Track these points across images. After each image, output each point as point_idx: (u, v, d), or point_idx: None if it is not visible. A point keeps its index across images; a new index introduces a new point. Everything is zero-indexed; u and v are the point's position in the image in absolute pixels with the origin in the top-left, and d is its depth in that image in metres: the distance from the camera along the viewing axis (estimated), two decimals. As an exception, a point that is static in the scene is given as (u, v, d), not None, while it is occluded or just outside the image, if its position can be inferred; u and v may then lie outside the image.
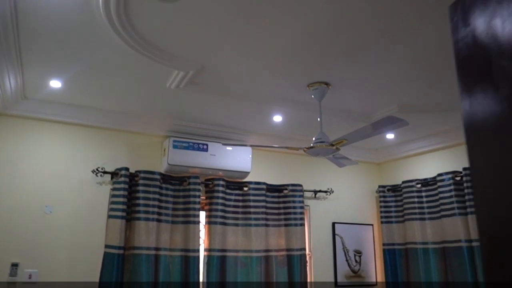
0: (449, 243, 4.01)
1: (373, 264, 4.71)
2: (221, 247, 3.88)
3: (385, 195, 4.72)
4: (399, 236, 4.57)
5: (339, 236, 4.59)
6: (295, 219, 4.22)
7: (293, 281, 4.10)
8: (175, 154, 3.76)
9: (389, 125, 2.33)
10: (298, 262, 4.14)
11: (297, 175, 4.54)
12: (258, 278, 3.94)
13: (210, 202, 3.94)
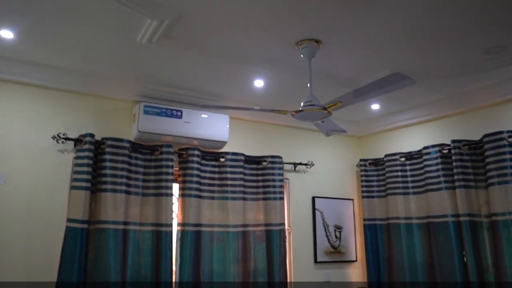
0: (434, 218, 3.86)
1: (353, 240, 4.55)
2: (195, 221, 3.60)
3: (367, 169, 4.53)
4: (380, 211, 4.40)
5: (319, 211, 4.38)
6: (274, 193, 3.97)
7: (271, 257, 3.88)
8: (146, 121, 3.41)
9: (394, 83, 2.08)
10: (277, 238, 3.91)
11: (276, 146, 4.28)
12: (235, 254, 3.70)
13: (184, 173, 3.63)
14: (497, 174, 3.44)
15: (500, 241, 3.36)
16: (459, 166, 3.68)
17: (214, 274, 3.62)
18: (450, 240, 3.72)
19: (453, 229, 3.72)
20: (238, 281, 3.67)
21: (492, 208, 3.46)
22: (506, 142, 3.41)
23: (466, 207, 3.61)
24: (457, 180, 3.67)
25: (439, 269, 3.77)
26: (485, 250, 3.53)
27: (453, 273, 3.66)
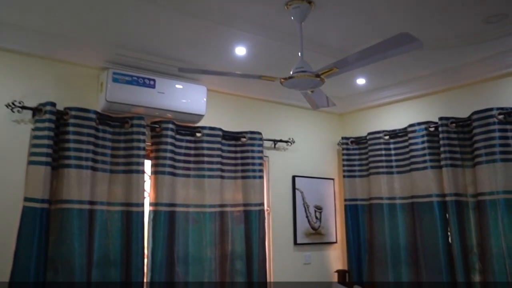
0: (419, 198, 3.72)
1: (333, 221, 4.38)
2: (169, 201, 3.32)
3: (348, 147, 4.35)
4: (362, 191, 4.24)
5: (299, 191, 4.18)
6: (253, 171, 3.73)
7: (250, 239, 3.65)
8: (115, 90, 3.08)
9: (400, 45, 1.84)
10: (256, 219, 3.68)
11: (255, 122, 4.02)
12: (211, 236, 3.45)
13: (157, 148, 3.33)
14: (485, 153, 3.31)
15: (487, 221, 3.25)
16: (446, 144, 3.54)
17: (189, 257, 3.37)
18: (435, 220, 3.60)
19: (438, 209, 3.60)
20: (215, 265, 3.44)
21: (479, 187, 3.34)
22: (495, 119, 3.28)
23: (453, 186, 3.48)
24: (444, 159, 3.53)
25: (422, 250, 3.65)
26: (470, 231, 3.43)
27: (437, 254, 3.54)
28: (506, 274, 3.12)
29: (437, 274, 3.54)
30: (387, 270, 3.90)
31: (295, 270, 4.04)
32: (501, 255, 3.15)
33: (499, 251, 3.17)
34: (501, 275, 3.14)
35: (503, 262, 3.14)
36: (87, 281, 2.86)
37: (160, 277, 3.19)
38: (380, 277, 3.95)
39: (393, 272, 3.86)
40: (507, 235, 3.15)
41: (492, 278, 3.18)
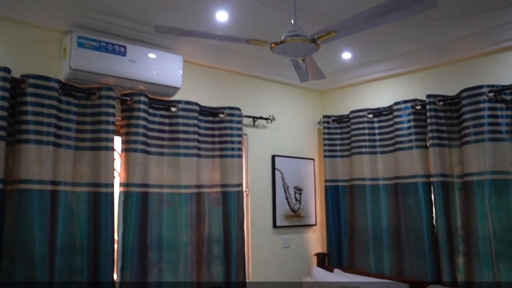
0: (403, 179, 3.59)
1: (313, 203, 4.22)
2: (141, 181, 3.03)
3: (330, 126, 4.16)
4: (343, 172, 4.08)
5: (279, 171, 3.97)
6: (232, 150, 3.48)
7: (228, 222, 3.43)
8: (81, 56, 2.74)
9: (412, 3, 1.63)
10: (234, 200, 3.46)
11: (234, 97, 3.76)
12: (187, 219, 3.20)
13: (128, 123, 3.03)
14: (474, 132, 3.19)
15: (473, 202, 3.15)
16: (434, 123, 3.40)
17: (163, 242, 3.11)
18: (419, 202, 3.48)
19: (423, 191, 3.48)
20: (191, 250, 3.20)
21: (466, 168, 3.22)
22: (486, 97, 3.15)
23: (439, 167, 3.36)
24: (431, 139, 3.40)
25: (405, 233, 3.54)
26: (455, 212, 3.33)
27: (421, 236, 3.44)
28: (492, 256, 3.03)
29: (420, 256, 3.43)
30: (368, 253, 3.78)
31: (274, 254, 3.86)
32: (487, 237, 3.06)
33: (485, 233, 3.07)
34: (486, 257, 3.05)
35: (489, 244, 3.05)
36: (49, 269, 2.57)
37: (132, 263, 2.93)
38: (361, 260, 3.83)
39: (374, 255, 3.75)
40: (494, 217, 3.06)
41: (476, 260, 3.10)
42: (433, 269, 3.37)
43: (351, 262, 3.93)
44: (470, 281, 3.17)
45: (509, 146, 3.08)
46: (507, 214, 3.03)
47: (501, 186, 3.07)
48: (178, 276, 3.13)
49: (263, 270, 3.76)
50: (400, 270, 3.59)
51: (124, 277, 2.90)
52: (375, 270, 3.72)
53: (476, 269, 3.10)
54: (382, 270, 3.68)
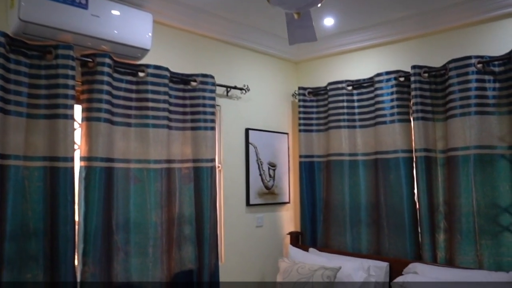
0: (384, 154, 3.44)
1: (286, 180, 4.00)
2: (106, 155, 2.67)
3: (305, 99, 3.94)
4: (319, 147, 3.89)
5: (252, 146, 3.71)
6: (205, 121, 3.17)
7: (200, 201, 3.15)
8: (32, 5, 2.30)
9: None
10: (207, 177, 3.17)
11: (207, 64, 3.43)
12: (156, 197, 2.89)
13: (90, 88, 2.63)
14: (460, 105, 3.07)
15: (457, 178, 3.05)
16: (418, 95, 3.25)
17: (130, 223, 2.79)
18: (400, 178, 3.35)
19: (405, 166, 3.35)
20: (161, 231, 2.89)
21: (451, 142, 3.11)
22: (474, 68, 3.03)
23: (423, 141, 3.23)
24: (415, 112, 3.25)
25: (385, 209, 3.41)
26: (437, 188, 3.22)
27: (401, 213, 3.32)
28: (475, 232, 2.96)
29: (400, 234, 3.32)
30: (345, 231, 3.63)
31: (247, 234, 3.63)
32: (471, 213, 2.98)
33: (469, 209, 2.99)
34: (469, 234, 2.97)
35: (472, 220, 2.97)
36: (-2, 257, 2.19)
37: (95, 248, 2.59)
38: (337, 239, 3.68)
39: (351, 233, 3.61)
40: (478, 192, 2.97)
41: (459, 237, 3.01)
42: (413, 247, 3.27)
43: (326, 241, 3.78)
44: (451, 258, 3.09)
45: (496, 120, 2.98)
46: (491, 190, 2.95)
47: (486, 161, 2.98)
48: (146, 260, 2.83)
49: (235, 251, 3.52)
50: (378, 248, 3.47)
51: (87, 264, 2.56)
52: (352, 248, 3.59)
53: (459, 246, 3.02)
54: (360, 249, 3.56)
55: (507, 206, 2.90)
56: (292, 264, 3.20)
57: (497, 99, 2.99)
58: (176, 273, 3.05)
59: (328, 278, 2.99)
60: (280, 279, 3.13)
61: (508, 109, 2.94)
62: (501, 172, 2.94)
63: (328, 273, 3.01)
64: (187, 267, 3.12)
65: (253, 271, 3.66)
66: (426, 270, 2.94)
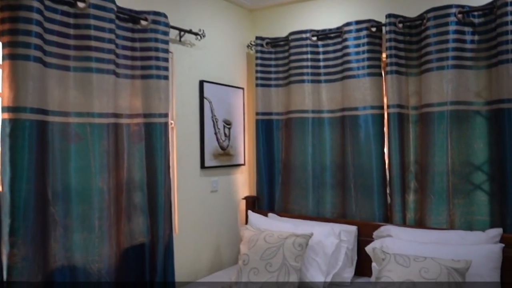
0: (352, 111, 3.19)
1: (242, 139, 3.62)
2: (38, 105, 2.08)
3: (263, 50, 3.54)
4: (278, 104, 3.55)
5: (207, 100, 3.26)
6: (157, 68, 2.66)
7: (152, 163, 2.68)
8: None
9: None
10: (160, 135, 2.69)
11: (157, 2, 2.86)
12: (102, 159, 2.37)
13: (14, 17, 1.99)
14: (437, 58, 2.87)
15: (432, 135, 2.88)
16: (393, 47, 3.01)
17: (71, 191, 2.26)
18: (370, 136, 3.13)
19: (374, 124, 3.13)
20: (108, 200, 2.39)
21: (426, 98, 2.93)
22: (454, 18, 2.82)
23: (397, 97, 3.01)
24: (389, 65, 3.01)
25: (353, 170, 3.18)
26: (409, 147, 3.05)
27: (370, 173, 3.11)
28: (448, 192, 2.84)
29: (368, 195, 3.13)
30: (307, 195, 3.37)
31: (201, 200, 3.23)
32: (445, 172, 2.85)
33: (443, 168, 2.85)
34: (443, 193, 2.85)
35: (447, 179, 2.85)
36: None
37: (26, 224, 2.04)
38: (298, 202, 3.42)
39: (314, 196, 3.36)
40: (454, 150, 2.84)
41: (432, 196, 2.88)
42: (382, 209, 3.10)
43: (285, 205, 3.50)
44: (421, 219, 2.97)
45: (473, 75, 2.83)
46: (466, 148, 2.83)
47: (462, 118, 2.84)
48: (92, 236, 2.33)
49: (190, 220, 3.11)
50: (343, 212, 3.26)
51: (16, 244, 2.01)
52: (314, 212, 3.35)
53: (431, 207, 2.89)
54: (323, 213, 3.33)
55: (480, 164, 2.80)
56: (258, 232, 2.87)
57: (475, 53, 2.83)
58: (125, 249, 2.59)
59: (300, 246, 2.71)
60: (246, 249, 2.79)
61: (486, 63, 2.80)
62: (476, 129, 2.82)
63: (300, 241, 2.73)
64: (138, 240, 2.67)
65: (209, 241, 3.29)
66: (400, 233, 2.78)
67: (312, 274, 2.78)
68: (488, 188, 2.78)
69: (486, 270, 2.35)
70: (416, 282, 2.21)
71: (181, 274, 2.97)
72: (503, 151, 2.66)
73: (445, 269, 2.22)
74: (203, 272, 3.21)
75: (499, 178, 2.72)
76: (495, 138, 2.75)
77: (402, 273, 2.27)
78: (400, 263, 2.32)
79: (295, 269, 2.65)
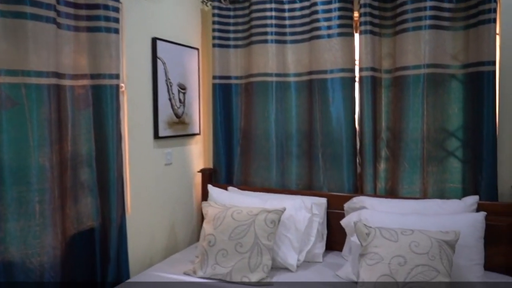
0: (321, 74, 2.94)
1: (197, 106, 3.25)
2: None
3: (221, 6, 3.15)
4: (238, 66, 3.21)
5: (161, 61, 2.83)
6: (106, 19, 2.20)
7: (102, 132, 2.27)
8: None
9: None
10: (111, 100, 2.27)
11: None
12: (43, 129, 1.91)
13: None
14: (413, 18, 2.69)
15: (407, 100, 2.73)
16: (368, 4, 2.78)
17: (4, 169, 1.79)
18: (340, 101, 2.92)
19: (345, 88, 2.91)
20: (51, 178, 1.95)
21: (401, 60, 2.75)
22: (433, -26, 2.64)
23: (370, 59, 2.81)
24: (363, 24, 2.78)
25: (321, 139, 2.97)
26: (381, 113, 2.89)
27: (339, 142, 2.92)
28: (423, 160, 2.73)
29: (337, 165, 2.94)
30: (270, 165, 3.12)
31: (155, 174, 2.85)
32: (420, 139, 2.73)
33: (418, 135, 2.73)
34: (416, 161, 2.74)
35: (422, 146, 2.73)
36: None
37: None
38: (260, 174, 3.17)
39: (278, 167, 3.11)
40: (429, 116, 2.72)
41: (406, 165, 2.75)
42: (352, 179, 2.93)
43: (245, 178, 3.23)
44: (392, 188, 2.84)
45: (450, 36, 2.69)
46: (441, 113, 2.72)
47: (438, 82, 2.71)
48: (31, 224, 1.90)
49: (142, 197, 2.73)
50: (310, 183, 3.06)
51: None
52: (278, 185, 3.11)
53: (404, 175, 2.77)
54: (288, 185, 3.10)
55: (454, 130, 2.71)
56: (223, 209, 2.57)
57: (453, 13, 2.68)
58: (72, 236, 2.18)
59: (272, 223, 2.46)
60: (211, 229, 2.49)
61: (463, 23, 2.66)
62: (451, 93, 2.70)
63: (272, 217, 2.48)
64: (86, 225, 2.27)
65: (163, 220, 2.93)
66: (375, 204, 2.63)
67: (284, 253, 2.55)
68: (461, 155, 2.70)
69: (472, 240, 2.26)
70: (407, 258, 2.05)
71: (135, 259, 2.61)
72: (480, 116, 2.58)
73: (435, 242, 2.08)
74: (158, 255, 2.86)
75: (473, 144, 2.64)
76: (470, 103, 2.65)
77: (391, 249, 2.10)
78: (387, 238, 2.15)
79: (268, 249, 2.41)
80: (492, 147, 2.56)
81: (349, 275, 2.39)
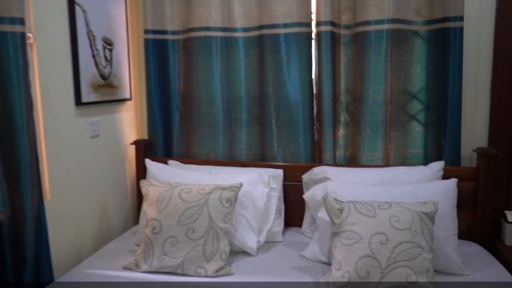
0: (273, 29, 2.56)
1: (127, 66, 2.72)
2: None
3: None
4: (175, 19, 2.72)
5: (80, 9, 2.26)
6: None
7: (4, 96, 1.71)
8: None
9: None
10: (16, 53, 1.73)
11: None
12: None
13: None
14: (381, -36, 2.40)
15: (368, 59, 2.46)
16: None
17: None
18: (295, 60, 2.57)
19: (301, 45, 2.57)
20: None
21: (363, 14, 2.46)
22: None
23: (329, 12, 2.48)
24: (326, -30, 2.43)
25: (274, 103, 2.63)
26: (340, 74, 2.59)
27: (295, 107, 2.60)
28: (386, 124, 2.51)
29: (292, 132, 2.63)
30: (215, 134, 2.74)
31: (79, 148, 2.32)
32: (383, 102, 2.49)
33: (380, 97, 2.49)
34: (379, 126, 2.51)
35: (385, 110, 2.50)
36: None
37: None
38: (204, 145, 2.78)
39: (225, 136, 2.74)
40: (393, 77, 2.48)
41: (369, 130, 2.52)
42: (309, 148, 2.63)
43: (187, 149, 2.82)
44: (352, 155, 2.61)
45: (415, -12, 2.44)
46: (404, 73, 2.49)
47: (401, 39, 2.46)
48: None
49: (64, 178, 2.20)
50: (262, 153, 2.72)
51: None
52: (226, 156, 2.75)
53: (366, 142, 2.54)
54: (237, 156, 2.74)
55: (417, 92, 2.51)
56: (168, 187, 2.15)
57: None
58: (-29, 234, 1.64)
59: (228, 202, 2.10)
60: (154, 213, 2.06)
61: (429, -27, 2.42)
62: (414, 52, 2.48)
63: (228, 195, 2.11)
64: (-10, 220, 1.73)
65: (92, 204, 2.44)
66: (338, 174, 2.36)
67: (242, 235, 2.21)
68: (423, 119, 2.51)
69: (447, 209, 2.08)
70: (388, 235, 1.81)
71: (58, 255, 2.12)
72: (445, 76, 2.38)
73: (416, 215, 1.86)
74: (87, 247, 2.38)
75: (436, 107, 2.46)
76: (434, 63, 2.45)
77: (369, 226, 1.84)
78: (364, 213, 1.89)
79: (225, 232, 2.05)
80: (456, 110, 2.40)
81: (317, 255, 2.13)
